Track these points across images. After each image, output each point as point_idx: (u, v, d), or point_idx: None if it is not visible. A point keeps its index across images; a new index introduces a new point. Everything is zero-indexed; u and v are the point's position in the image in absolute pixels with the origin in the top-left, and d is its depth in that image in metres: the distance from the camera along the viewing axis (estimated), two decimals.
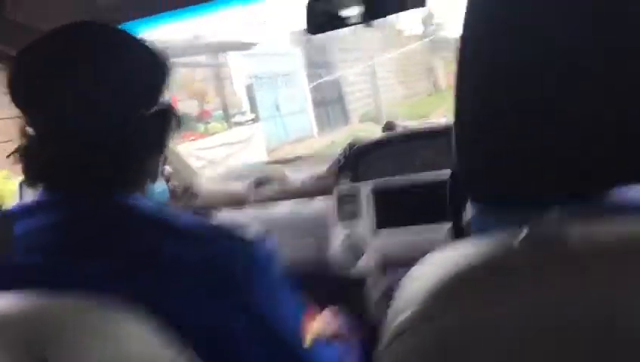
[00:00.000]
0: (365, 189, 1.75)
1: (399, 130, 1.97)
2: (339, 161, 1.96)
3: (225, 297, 0.74)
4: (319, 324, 1.28)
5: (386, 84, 17.89)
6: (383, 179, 1.77)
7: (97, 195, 0.78)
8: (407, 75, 20.77)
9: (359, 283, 1.68)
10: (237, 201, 2.04)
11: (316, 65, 15.74)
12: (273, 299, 0.79)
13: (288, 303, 0.82)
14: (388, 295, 1.62)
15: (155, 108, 0.81)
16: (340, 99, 16.74)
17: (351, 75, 15.92)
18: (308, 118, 14.92)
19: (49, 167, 0.78)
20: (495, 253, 0.52)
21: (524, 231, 0.51)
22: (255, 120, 12.25)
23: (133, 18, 1.39)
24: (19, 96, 0.78)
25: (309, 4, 1.34)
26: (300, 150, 11.34)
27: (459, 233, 0.87)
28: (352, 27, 1.32)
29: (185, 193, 2.13)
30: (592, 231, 0.49)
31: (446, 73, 22.14)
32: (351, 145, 1.97)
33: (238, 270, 0.76)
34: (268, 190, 2.04)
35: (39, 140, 0.77)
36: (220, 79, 12.37)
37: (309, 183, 1.98)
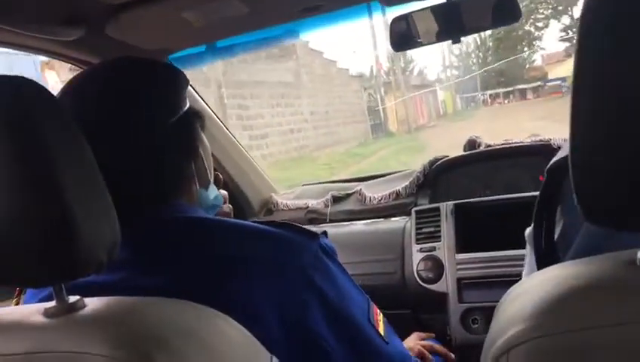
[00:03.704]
0: (445, 210, 1.70)
1: (482, 148, 1.91)
2: (418, 178, 1.93)
3: (300, 289, 0.77)
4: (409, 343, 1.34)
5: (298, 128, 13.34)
6: (463, 200, 1.72)
7: (149, 208, 0.83)
8: (336, 117, 15.90)
9: (439, 299, 1.63)
10: (314, 218, 2.04)
11: None
12: (342, 287, 0.82)
13: (355, 291, 0.86)
14: (468, 314, 1.58)
15: (177, 115, 0.87)
16: None
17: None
18: None
19: None
20: (614, 271, 0.50)
21: None
22: None
23: (221, 38, 1.48)
24: None
25: (392, 22, 1.34)
26: None
27: (550, 252, 0.83)
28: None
29: (262, 208, 2.16)
30: None
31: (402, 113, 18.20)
32: (431, 163, 1.94)
33: (307, 262, 0.79)
34: (345, 208, 2.03)
35: None
36: None
37: (386, 202, 1.96)
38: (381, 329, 0.86)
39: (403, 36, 1.33)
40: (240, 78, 10.81)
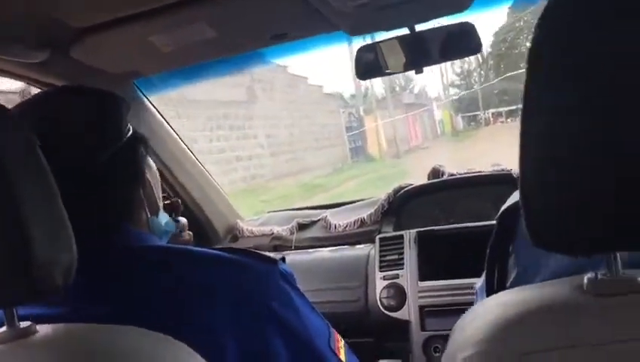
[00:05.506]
0: (408, 237, 1.71)
1: (445, 177, 1.94)
2: (382, 206, 1.94)
3: (259, 316, 0.76)
4: None
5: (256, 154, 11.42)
6: (426, 228, 1.74)
7: (99, 238, 0.80)
8: (305, 141, 13.98)
9: (402, 327, 1.63)
10: (279, 245, 2.03)
11: None
12: (301, 313, 0.81)
13: (314, 317, 0.85)
14: (430, 342, 1.58)
15: (120, 142, 0.86)
16: None
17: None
18: None
19: None
20: (562, 296, 0.51)
21: (591, 276, 0.50)
22: None
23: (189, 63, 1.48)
24: None
25: (358, 51, 1.36)
26: None
27: (502, 281, 0.84)
28: None
29: (227, 234, 2.14)
30: None
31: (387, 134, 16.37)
32: (396, 191, 1.96)
33: (266, 289, 0.78)
34: (310, 235, 2.03)
35: None
36: None
37: (351, 229, 1.96)
38: (342, 356, 0.85)
39: (368, 65, 1.36)
40: (171, 96, 9.03)
